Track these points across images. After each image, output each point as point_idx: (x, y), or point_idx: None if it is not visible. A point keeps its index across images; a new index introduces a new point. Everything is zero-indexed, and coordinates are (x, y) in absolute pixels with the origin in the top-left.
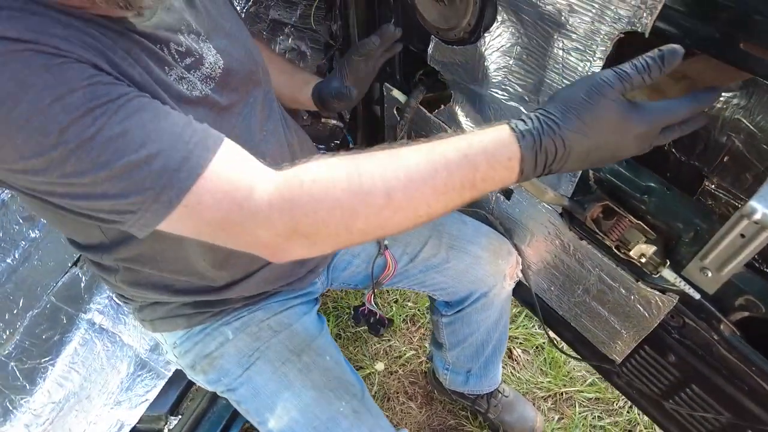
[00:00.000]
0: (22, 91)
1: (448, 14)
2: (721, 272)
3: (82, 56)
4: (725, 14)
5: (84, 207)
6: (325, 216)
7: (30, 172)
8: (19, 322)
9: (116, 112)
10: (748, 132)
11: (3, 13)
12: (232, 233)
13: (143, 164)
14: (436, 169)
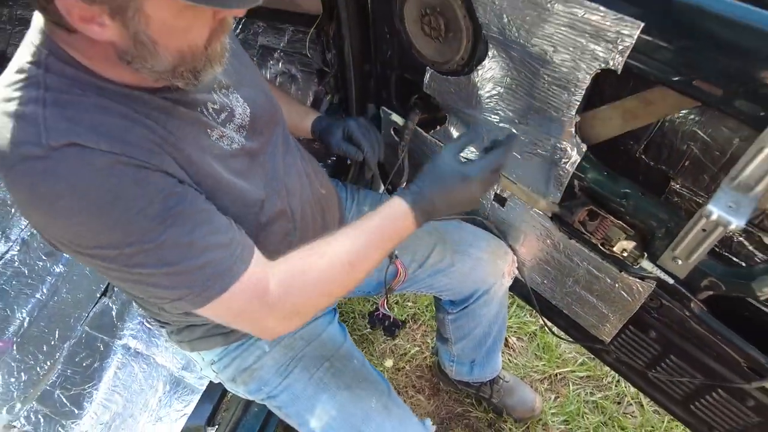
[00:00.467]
0: (116, 202)
1: (443, 50)
2: (689, 260)
3: (158, 165)
4: (682, 58)
5: (130, 286)
6: (316, 300)
7: (98, 257)
8: (57, 352)
9: (186, 224)
10: (703, 141)
11: (84, 120)
12: (247, 318)
13: (197, 269)
14: (371, 244)
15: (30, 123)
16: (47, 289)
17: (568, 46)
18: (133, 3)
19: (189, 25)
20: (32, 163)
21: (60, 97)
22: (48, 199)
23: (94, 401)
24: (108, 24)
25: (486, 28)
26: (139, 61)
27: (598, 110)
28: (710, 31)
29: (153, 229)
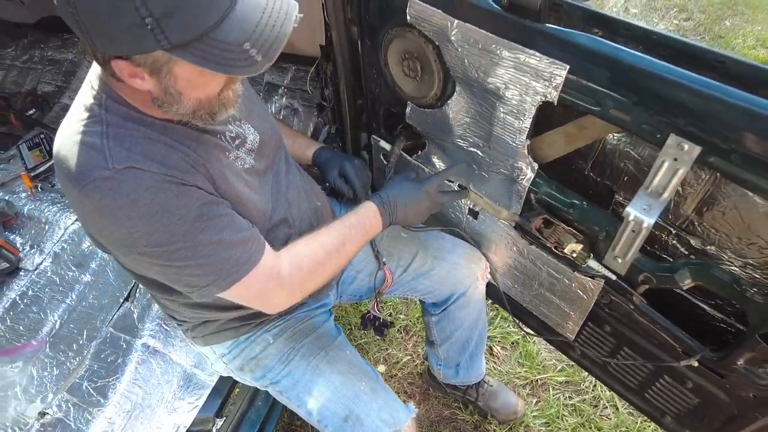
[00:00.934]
0: (163, 211)
1: (420, 87)
2: (626, 258)
3: (194, 181)
4: (598, 92)
5: (165, 279)
6: (313, 282)
7: (147, 254)
8: (85, 350)
9: (214, 227)
10: (635, 159)
11: (138, 148)
12: (262, 296)
13: (224, 261)
14: (352, 236)
15: (98, 152)
16: (76, 296)
17: (515, 83)
18: (166, 66)
19: (207, 82)
20: (101, 182)
21: (118, 131)
22: (111, 210)
23: (117, 392)
24: (147, 79)
25: (453, 70)
26: (167, 106)
27: (545, 135)
28: (614, 72)
29: (191, 231)
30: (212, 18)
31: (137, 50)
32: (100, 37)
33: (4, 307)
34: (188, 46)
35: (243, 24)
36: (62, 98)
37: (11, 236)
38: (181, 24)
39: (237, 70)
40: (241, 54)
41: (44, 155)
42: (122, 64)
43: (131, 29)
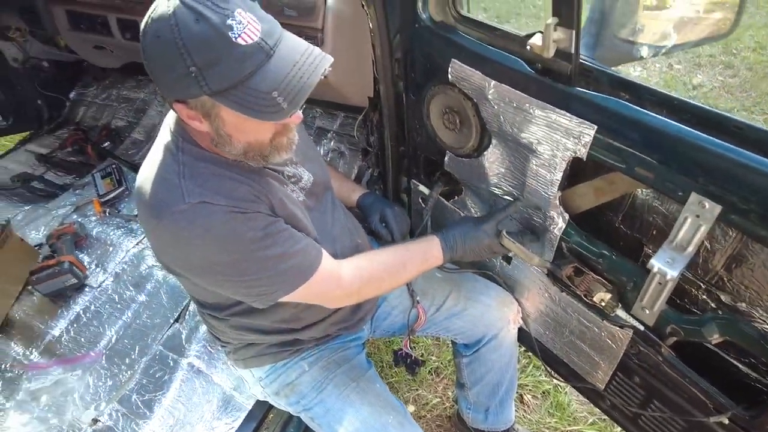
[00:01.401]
0: (234, 236)
1: (459, 139)
2: (654, 309)
3: (258, 209)
4: (624, 151)
5: (235, 292)
6: (369, 291)
7: (220, 273)
8: (136, 365)
9: (278, 242)
10: (663, 214)
11: (209, 185)
12: (322, 295)
13: (288, 270)
14: (412, 261)
15: (176, 189)
16: (131, 313)
17: (547, 140)
18: (213, 110)
19: (253, 128)
20: (178, 215)
21: (192, 170)
22: (188, 239)
23: (161, 407)
24: (203, 121)
25: (489, 125)
26: (221, 146)
27: (576, 187)
28: (638, 133)
29: (258, 250)
30: (247, 69)
31: (187, 95)
32: (162, 84)
33: (69, 319)
34: (226, 93)
35: (274, 75)
36: (132, 133)
37: (80, 255)
38: (220, 74)
39: (267, 116)
40: (270, 101)
41: (114, 184)
42: (181, 107)
43: (181, 78)
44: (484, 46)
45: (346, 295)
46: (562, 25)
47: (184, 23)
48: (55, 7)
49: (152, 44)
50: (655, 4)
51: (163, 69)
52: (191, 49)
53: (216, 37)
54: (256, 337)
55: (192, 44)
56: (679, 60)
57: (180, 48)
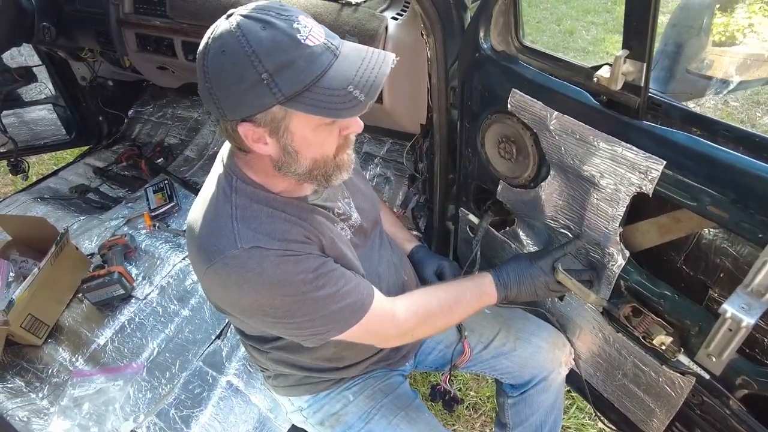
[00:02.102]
0: (285, 279)
1: (514, 168)
2: (722, 357)
3: (309, 251)
4: (696, 188)
5: (287, 333)
6: (424, 329)
7: (271, 315)
8: (176, 379)
9: (329, 282)
10: (733, 256)
11: (262, 228)
12: (376, 335)
13: (340, 310)
14: (465, 300)
15: (228, 233)
16: (174, 327)
17: (611, 173)
18: (283, 123)
19: (322, 140)
20: (230, 260)
21: (245, 213)
22: (239, 283)
23: (198, 423)
24: (269, 142)
25: (548, 155)
26: (286, 167)
27: (638, 224)
28: (713, 170)
29: (309, 292)
30: (318, 69)
31: (258, 107)
32: (229, 102)
33: (115, 329)
34: (299, 97)
35: (345, 72)
36: (185, 150)
37: (129, 266)
38: (292, 77)
39: (344, 112)
40: (345, 96)
41: (165, 198)
42: (247, 127)
43: (252, 88)
44: (546, 76)
45: (400, 333)
46: (632, 58)
47: (251, 32)
48: (127, 30)
49: (217, 60)
50: (724, 40)
51: (231, 83)
52: (261, 55)
53: (286, 40)
54: (296, 371)
55: (262, 49)
56: (736, 97)
57: (249, 56)
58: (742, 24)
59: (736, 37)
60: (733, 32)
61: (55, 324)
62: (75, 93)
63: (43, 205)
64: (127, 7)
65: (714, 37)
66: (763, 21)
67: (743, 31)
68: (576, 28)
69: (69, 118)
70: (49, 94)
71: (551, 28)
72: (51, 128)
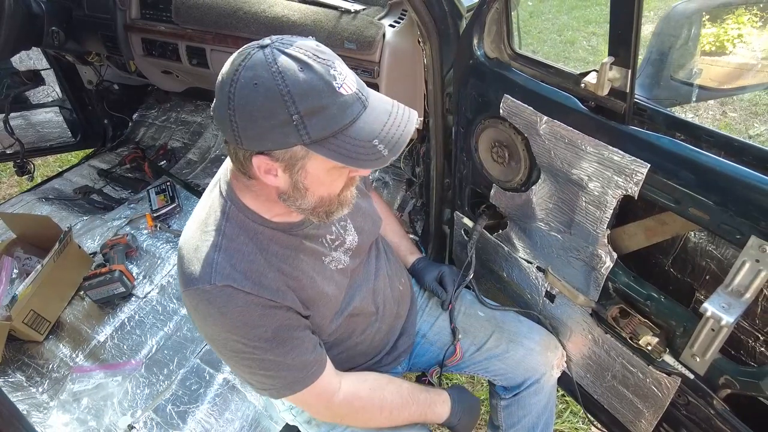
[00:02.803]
0: (244, 326)
1: (507, 172)
2: (705, 357)
3: (280, 303)
4: (678, 191)
5: (234, 370)
6: (359, 421)
7: (223, 353)
8: (174, 375)
9: (283, 348)
10: (718, 259)
11: (241, 266)
12: (309, 407)
13: (283, 377)
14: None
15: (208, 266)
16: (173, 325)
17: (598, 176)
18: (301, 161)
19: (332, 180)
20: (200, 293)
21: (230, 244)
22: (203, 315)
23: (194, 419)
24: (280, 175)
25: (539, 159)
26: (292, 201)
27: (626, 227)
28: (694, 173)
29: (262, 348)
30: (347, 118)
31: (281, 145)
32: (251, 134)
33: (114, 327)
34: (325, 142)
35: (373, 125)
36: (188, 154)
37: (130, 266)
38: (322, 122)
39: (366, 164)
40: (370, 149)
41: (167, 200)
42: (262, 159)
43: (279, 126)
44: (537, 82)
45: (330, 416)
46: (618, 65)
47: (288, 71)
48: (133, 35)
49: (247, 91)
50: (713, 50)
51: (259, 117)
52: (296, 96)
53: (322, 86)
54: None
55: (297, 91)
56: (734, 108)
57: (284, 95)
58: (732, 35)
59: (726, 47)
60: (722, 42)
61: (56, 320)
62: (81, 96)
63: (47, 205)
64: (134, 13)
65: (703, 47)
66: (751, 32)
67: (732, 42)
68: (577, 38)
69: (75, 120)
70: (56, 97)
71: (552, 38)
72: (57, 131)
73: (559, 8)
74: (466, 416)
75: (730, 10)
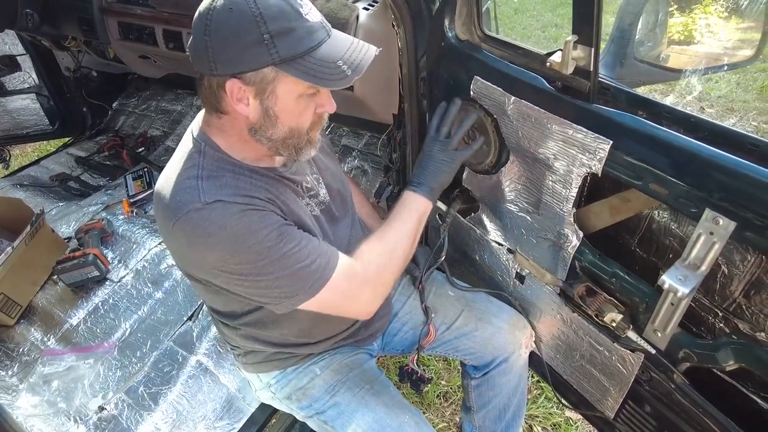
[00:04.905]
0: (249, 233)
1: (478, 154)
2: (666, 331)
3: (272, 209)
4: (638, 167)
5: (256, 294)
6: (389, 275)
7: (236, 272)
8: (147, 358)
9: (293, 240)
10: (680, 237)
11: (227, 186)
12: (349, 297)
13: (308, 267)
14: (411, 229)
15: (193, 190)
16: (147, 309)
17: (563, 155)
18: (271, 84)
19: (300, 110)
20: (194, 213)
21: (211, 173)
22: (203, 237)
23: (166, 401)
24: (251, 103)
25: (508, 140)
26: (262, 131)
27: (591, 205)
28: (653, 149)
29: (274, 246)
30: (313, 42)
31: (253, 65)
32: (224, 57)
33: (88, 310)
34: (293, 62)
35: (336, 49)
36: (166, 141)
37: (105, 250)
38: (291, 43)
39: (331, 83)
40: (335, 69)
41: (144, 186)
42: (235, 83)
43: (251, 46)
44: (506, 63)
45: (372, 289)
46: (581, 43)
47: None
48: (110, 18)
49: (223, 15)
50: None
51: (232, 39)
52: (267, 18)
53: (290, 10)
54: (266, 347)
55: (268, 13)
56: (711, 103)
57: (256, 16)
58: (699, 24)
59: (693, 36)
60: (690, 31)
61: (28, 304)
62: (59, 83)
63: (22, 191)
64: None
65: (672, 35)
66: (717, 21)
67: (700, 31)
68: (560, 35)
69: (53, 108)
70: (33, 83)
71: (536, 35)
72: (34, 118)
73: (543, 5)
74: (432, 177)
75: None
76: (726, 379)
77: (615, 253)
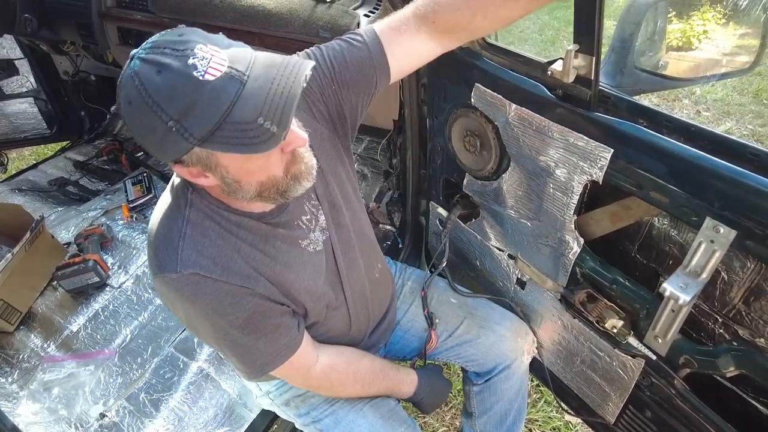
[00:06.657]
0: (215, 313)
1: (478, 161)
2: (666, 338)
3: (252, 289)
4: (639, 175)
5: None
6: (333, 392)
7: (196, 335)
8: (148, 364)
9: (257, 333)
10: (680, 243)
11: (207, 252)
12: (289, 379)
13: (255, 360)
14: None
15: (173, 252)
16: (148, 315)
17: (564, 162)
18: (212, 159)
19: (262, 165)
20: (167, 281)
21: (194, 231)
22: (173, 301)
23: (168, 407)
24: (209, 176)
25: (509, 147)
26: (234, 195)
27: (592, 213)
28: (654, 157)
29: (233, 333)
30: (223, 105)
31: (178, 152)
32: (153, 150)
33: (88, 316)
34: (212, 137)
35: (254, 100)
36: None
37: (105, 256)
38: (199, 119)
39: (260, 147)
40: (258, 130)
41: (144, 191)
42: (180, 168)
43: (165, 137)
44: (506, 71)
45: (306, 386)
46: (582, 52)
47: (147, 79)
48: (109, 23)
49: (127, 111)
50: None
51: (146, 134)
52: (162, 103)
53: (182, 82)
54: None
55: (161, 97)
56: (707, 107)
57: (151, 106)
58: (697, 30)
59: (692, 42)
60: (689, 38)
61: (28, 311)
62: (57, 87)
63: (20, 197)
64: (110, 1)
65: (671, 42)
66: (716, 28)
67: (698, 37)
68: (557, 38)
69: (50, 112)
70: (31, 87)
71: (534, 38)
72: (32, 122)
73: (540, 8)
74: (430, 396)
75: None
76: (726, 385)
77: (615, 259)
